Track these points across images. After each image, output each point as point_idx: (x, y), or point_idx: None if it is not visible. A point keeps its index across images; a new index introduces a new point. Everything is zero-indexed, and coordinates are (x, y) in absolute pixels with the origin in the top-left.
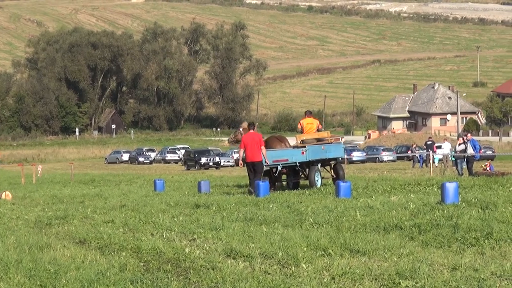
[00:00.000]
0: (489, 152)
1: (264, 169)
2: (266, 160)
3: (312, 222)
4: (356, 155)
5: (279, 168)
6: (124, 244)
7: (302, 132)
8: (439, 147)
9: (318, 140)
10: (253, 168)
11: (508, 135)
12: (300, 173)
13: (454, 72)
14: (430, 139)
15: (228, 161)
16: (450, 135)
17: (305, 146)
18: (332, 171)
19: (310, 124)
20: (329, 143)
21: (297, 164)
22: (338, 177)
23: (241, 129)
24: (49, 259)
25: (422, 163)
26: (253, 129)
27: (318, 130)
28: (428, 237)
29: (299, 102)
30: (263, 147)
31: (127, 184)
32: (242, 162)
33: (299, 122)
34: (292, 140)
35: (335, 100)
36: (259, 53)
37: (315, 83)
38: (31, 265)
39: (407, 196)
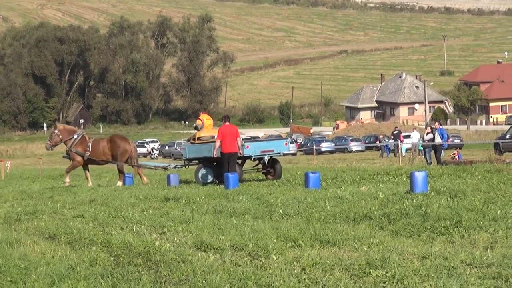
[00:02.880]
0: (457, 141)
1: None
2: (241, 151)
3: (281, 214)
4: (325, 146)
5: (266, 158)
6: (94, 239)
7: (202, 127)
8: (407, 136)
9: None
10: (229, 159)
11: (475, 123)
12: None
13: (421, 62)
14: (396, 129)
15: None
16: (418, 124)
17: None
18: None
19: (209, 120)
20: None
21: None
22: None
23: (56, 131)
24: (19, 254)
25: (389, 153)
26: (229, 122)
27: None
28: (398, 226)
29: (267, 94)
30: (239, 139)
31: (96, 178)
32: (216, 153)
33: (199, 118)
34: (251, 133)
35: (303, 91)
36: (226, 45)
37: (282, 74)
38: (1, 261)
39: (376, 186)
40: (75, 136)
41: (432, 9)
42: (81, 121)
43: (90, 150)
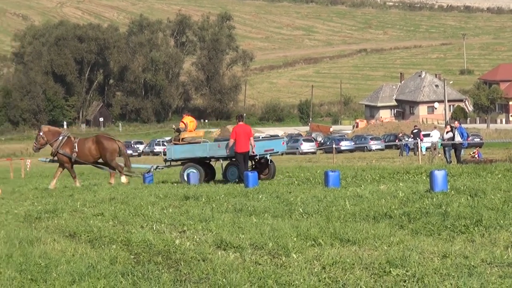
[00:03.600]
0: (477, 140)
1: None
2: (254, 150)
3: (301, 212)
4: (345, 145)
5: (268, 157)
6: (114, 237)
7: (185, 129)
8: (427, 135)
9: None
10: (244, 158)
11: (495, 122)
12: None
13: (440, 60)
14: (416, 128)
15: None
16: (438, 123)
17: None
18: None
19: (192, 122)
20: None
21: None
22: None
23: (41, 133)
24: (40, 253)
25: (409, 151)
26: (242, 121)
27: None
28: (418, 225)
29: (286, 93)
30: (252, 138)
31: (116, 177)
32: (229, 152)
33: (183, 122)
34: (271, 132)
35: (322, 89)
36: (245, 44)
37: (302, 73)
38: (22, 259)
39: (396, 184)
40: (60, 138)
41: (451, 7)
42: (101, 119)
43: (77, 150)
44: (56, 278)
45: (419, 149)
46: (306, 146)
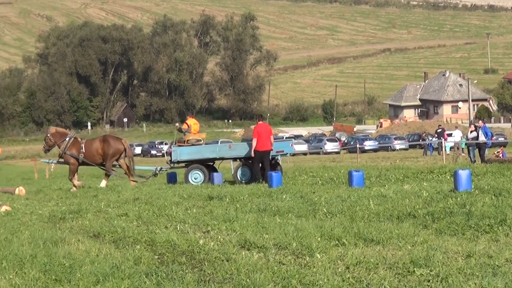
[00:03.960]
0: (501, 139)
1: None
2: (271, 148)
3: (325, 212)
4: (368, 144)
5: (279, 158)
6: (138, 237)
7: (189, 131)
8: (450, 134)
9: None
10: (264, 157)
11: None
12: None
13: (464, 60)
14: (440, 127)
15: None
16: (462, 122)
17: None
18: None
19: (195, 125)
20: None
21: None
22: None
23: (48, 135)
24: (64, 253)
25: (433, 151)
26: (262, 120)
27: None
28: (442, 225)
29: (310, 92)
30: (272, 137)
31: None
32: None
33: (186, 123)
34: (295, 132)
35: (346, 89)
36: (269, 44)
37: (325, 72)
38: (46, 259)
39: (420, 184)
40: (67, 139)
41: (475, 6)
42: (125, 120)
43: (84, 151)
44: (80, 279)
45: (443, 149)
46: (330, 146)
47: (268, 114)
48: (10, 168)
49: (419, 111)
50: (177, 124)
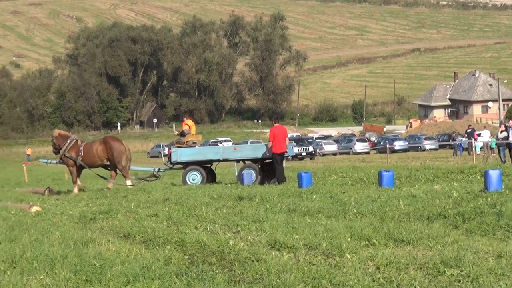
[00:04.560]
0: None
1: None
2: (287, 151)
3: (355, 212)
4: (398, 144)
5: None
6: (168, 238)
7: (189, 132)
8: (479, 134)
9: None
10: (281, 158)
11: None
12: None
13: (494, 59)
14: (470, 127)
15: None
16: (492, 122)
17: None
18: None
19: (193, 126)
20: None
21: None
22: None
23: (53, 138)
24: (94, 254)
25: (463, 151)
26: (278, 123)
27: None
28: (472, 225)
29: (339, 93)
30: (287, 139)
31: (169, 178)
32: (268, 153)
33: (187, 124)
34: (324, 132)
35: (375, 89)
36: (298, 44)
37: (355, 73)
38: (77, 260)
39: (450, 184)
40: (68, 141)
41: (505, 6)
42: (155, 120)
43: (82, 154)
44: (110, 279)
45: (473, 149)
46: (359, 146)
47: (298, 115)
48: (40, 169)
49: (449, 111)
50: (175, 132)
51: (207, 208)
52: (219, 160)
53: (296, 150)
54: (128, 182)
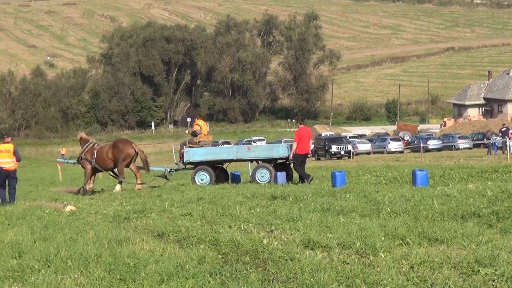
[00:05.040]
0: None
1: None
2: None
3: (389, 211)
4: (432, 143)
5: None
6: (202, 237)
7: (201, 132)
8: None
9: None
10: (305, 159)
11: None
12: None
13: None
14: (504, 126)
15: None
16: None
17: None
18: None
19: (205, 126)
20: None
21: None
22: None
23: (81, 140)
24: (128, 253)
25: (497, 150)
26: (303, 124)
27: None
28: (507, 224)
29: (373, 92)
30: (311, 140)
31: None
32: (292, 155)
33: (198, 124)
34: (358, 131)
35: (409, 88)
36: (332, 43)
37: (389, 72)
38: (111, 259)
39: (484, 183)
40: (86, 144)
41: None
42: (188, 120)
43: (96, 156)
44: (144, 278)
45: (508, 148)
46: (393, 145)
47: (331, 114)
48: (74, 168)
49: (483, 110)
50: (186, 132)
51: (241, 207)
52: (232, 160)
53: (334, 148)
54: (118, 187)
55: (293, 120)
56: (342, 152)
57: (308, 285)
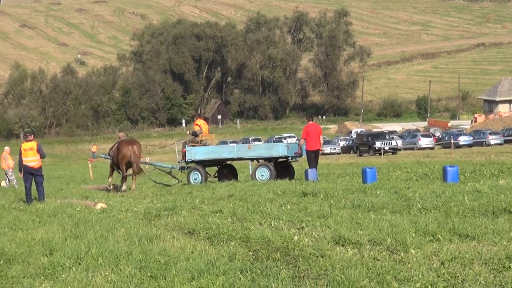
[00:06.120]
0: None
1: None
2: (322, 148)
3: (420, 208)
4: (463, 139)
5: (297, 160)
6: (232, 234)
7: (201, 132)
8: None
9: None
10: (315, 155)
11: None
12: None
13: None
14: None
15: (335, 148)
16: None
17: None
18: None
19: (205, 125)
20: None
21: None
22: None
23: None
24: (159, 250)
25: None
26: (312, 121)
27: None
28: None
29: (404, 88)
30: (321, 137)
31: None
32: (300, 151)
33: (197, 124)
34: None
35: (440, 85)
36: (362, 39)
37: (419, 68)
38: (141, 256)
39: None
40: (115, 142)
41: None
42: (219, 117)
43: (112, 154)
44: (175, 275)
45: None
46: (424, 142)
47: (362, 110)
48: (105, 166)
49: None
50: (187, 132)
51: (272, 204)
52: (233, 159)
53: (379, 144)
54: (124, 187)
55: (324, 117)
56: (386, 148)
57: (338, 282)
